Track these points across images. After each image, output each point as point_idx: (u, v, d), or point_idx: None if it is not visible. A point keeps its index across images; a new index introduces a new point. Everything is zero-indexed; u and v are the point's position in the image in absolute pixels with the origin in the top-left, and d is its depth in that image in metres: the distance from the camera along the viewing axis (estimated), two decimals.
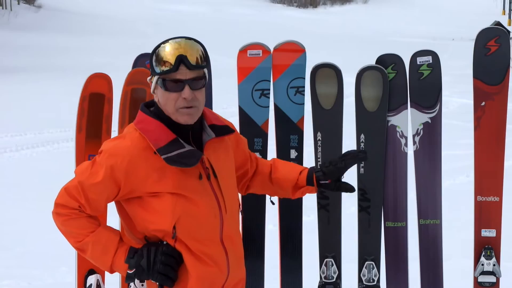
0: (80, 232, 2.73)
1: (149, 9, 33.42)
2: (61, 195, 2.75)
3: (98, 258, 2.75)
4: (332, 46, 22.49)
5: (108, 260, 2.73)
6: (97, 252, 2.74)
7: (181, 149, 2.68)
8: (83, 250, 2.76)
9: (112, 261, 2.73)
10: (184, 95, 2.67)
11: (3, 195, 7.86)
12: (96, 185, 2.69)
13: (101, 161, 2.70)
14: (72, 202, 2.72)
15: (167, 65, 2.66)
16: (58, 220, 2.76)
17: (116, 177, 2.68)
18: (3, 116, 12.06)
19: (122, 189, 2.70)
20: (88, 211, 2.73)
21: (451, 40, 26.41)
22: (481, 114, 3.52)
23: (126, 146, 2.70)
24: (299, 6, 39.43)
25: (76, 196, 2.72)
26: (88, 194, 2.71)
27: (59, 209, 2.74)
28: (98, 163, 2.71)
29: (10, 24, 25.55)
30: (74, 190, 2.72)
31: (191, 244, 2.71)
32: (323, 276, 3.58)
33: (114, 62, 16.25)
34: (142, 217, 2.72)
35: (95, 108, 3.53)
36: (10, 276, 5.54)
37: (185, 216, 2.70)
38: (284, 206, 3.60)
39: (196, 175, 2.72)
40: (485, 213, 3.55)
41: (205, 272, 2.73)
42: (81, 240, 2.73)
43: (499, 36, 3.48)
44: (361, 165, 3.53)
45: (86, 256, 2.78)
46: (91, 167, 2.71)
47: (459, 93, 13.82)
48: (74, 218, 2.73)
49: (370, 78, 3.49)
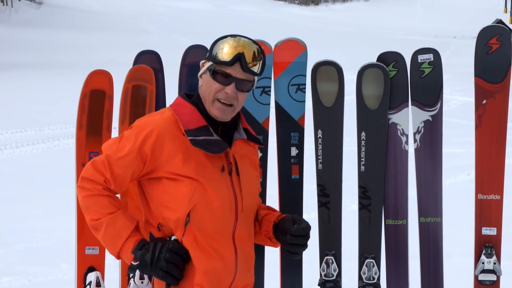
0: (99, 210, 2.70)
1: (151, 6, 33.44)
2: (87, 169, 2.73)
3: (108, 241, 2.73)
4: (333, 44, 22.49)
5: (117, 246, 2.71)
6: (109, 235, 2.71)
7: (208, 136, 2.74)
8: (96, 229, 2.73)
9: (121, 248, 2.71)
10: (227, 90, 2.74)
11: (4, 192, 7.86)
12: (122, 158, 2.70)
13: (130, 135, 2.73)
14: (98, 176, 2.71)
15: (225, 56, 2.73)
16: (81, 194, 2.73)
17: (143, 151, 2.69)
18: (4, 112, 12.07)
19: (147, 165, 2.71)
20: (113, 186, 2.72)
21: (453, 38, 26.41)
22: (482, 112, 3.51)
23: (156, 122, 2.74)
24: (300, 3, 39.43)
25: (102, 170, 2.71)
26: (114, 168, 2.70)
27: (84, 183, 2.72)
28: (126, 137, 2.73)
29: (11, 20, 25.56)
30: (100, 164, 2.71)
31: (201, 235, 2.71)
32: (323, 274, 3.58)
33: (115, 59, 16.26)
34: (159, 201, 2.73)
35: (96, 105, 3.53)
36: (10, 273, 5.55)
37: (201, 204, 2.71)
38: (285, 204, 3.60)
39: (219, 167, 2.75)
40: (486, 211, 3.54)
41: (212, 268, 2.73)
42: (98, 218, 2.70)
43: (500, 34, 3.47)
44: (362, 163, 3.52)
45: (98, 236, 2.75)
46: (119, 141, 2.73)
47: (460, 91, 13.82)
48: (97, 194, 2.71)
49: (371, 76, 3.49)
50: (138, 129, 2.74)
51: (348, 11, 37.06)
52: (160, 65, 3.60)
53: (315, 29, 28.16)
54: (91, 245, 3.54)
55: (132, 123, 2.80)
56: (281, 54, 3.52)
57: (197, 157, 2.72)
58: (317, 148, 3.54)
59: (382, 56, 3.53)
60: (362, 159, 3.52)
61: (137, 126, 2.75)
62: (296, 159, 3.58)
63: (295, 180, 3.59)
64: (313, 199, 3.61)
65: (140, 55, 3.61)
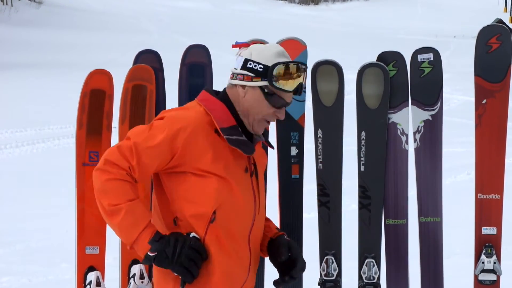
0: (119, 195, 2.62)
1: (151, 5, 33.43)
2: (112, 152, 2.65)
3: (125, 229, 2.65)
4: (333, 43, 22.49)
5: (133, 235, 2.64)
6: (127, 222, 2.63)
7: (239, 136, 2.73)
8: (113, 215, 2.63)
9: (137, 237, 2.63)
10: (278, 114, 2.76)
11: (4, 192, 7.86)
12: (152, 148, 2.64)
13: (162, 125, 2.66)
14: (123, 162, 2.63)
15: (288, 86, 2.72)
16: (102, 176, 2.63)
17: (174, 144, 2.65)
18: (3, 112, 12.07)
19: (174, 158, 2.66)
20: (136, 175, 2.65)
21: (453, 37, 26.41)
22: (482, 112, 3.51)
23: (191, 116, 2.70)
24: (300, 3, 39.43)
25: (128, 157, 2.63)
26: (142, 157, 2.64)
27: (107, 166, 2.63)
28: (157, 127, 2.66)
29: (10, 20, 25.55)
30: (127, 150, 2.63)
31: (224, 235, 2.70)
32: (323, 274, 3.58)
33: (115, 58, 16.25)
34: (182, 196, 2.69)
35: (96, 105, 3.53)
36: (10, 273, 5.55)
37: (228, 203, 2.70)
38: (285, 203, 3.60)
39: (243, 167, 2.76)
40: (486, 211, 3.54)
41: (231, 268, 2.72)
42: (117, 204, 2.62)
43: (500, 33, 3.47)
44: (362, 162, 3.52)
45: (112, 223, 2.65)
46: (149, 130, 2.66)
47: (460, 91, 13.82)
48: (119, 179, 2.63)
49: (371, 75, 3.48)
50: (171, 121, 2.67)
51: (348, 11, 37.05)
52: (160, 65, 3.60)
53: (315, 28, 28.16)
54: (91, 245, 3.54)
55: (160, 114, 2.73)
56: None
57: (225, 156, 2.71)
58: (317, 148, 3.54)
59: (382, 55, 3.53)
60: (362, 159, 3.52)
61: (170, 118, 2.69)
62: (296, 159, 3.58)
63: (295, 180, 3.59)
64: (313, 199, 3.61)
65: (140, 55, 3.61)
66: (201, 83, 3.57)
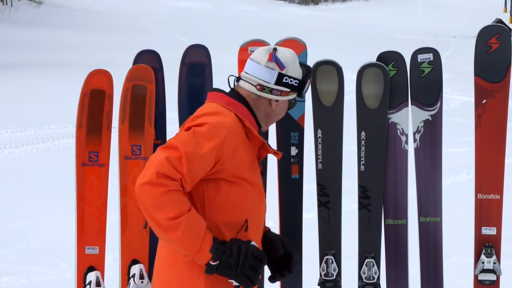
0: (177, 208, 2.53)
1: (151, 5, 33.43)
2: (163, 164, 2.54)
3: (187, 241, 2.55)
4: (333, 43, 22.49)
5: (195, 246, 2.55)
6: (188, 235, 2.54)
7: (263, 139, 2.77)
8: (171, 229, 2.53)
9: (200, 247, 2.56)
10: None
11: (3, 191, 7.86)
12: (201, 157, 2.58)
13: (207, 133, 2.60)
14: (175, 173, 2.54)
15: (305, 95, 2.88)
16: (155, 190, 2.52)
17: (220, 152, 2.60)
18: (3, 112, 12.06)
19: (216, 166, 2.62)
20: (187, 184, 2.58)
21: (453, 37, 26.40)
22: (482, 112, 3.51)
23: (231, 122, 2.67)
24: (300, 3, 39.43)
25: (179, 167, 2.55)
26: (192, 167, 2.57)
27: (160, 178, 2.52)
28: (202, 135, 2.59)
29: (10, 20, 25.55)
30: (177, 160, 2.55)
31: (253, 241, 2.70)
32: (323, 274, 3.58)
33: (115, 58, 16.25)
34: (215, 203, 2.65)
35: (96, 105, 3.53)
36: (10, 272, 5.54)
37: (256, 210, 2.72)
38: (284, 203, 3.60)
39: (260, 171, 2.79)
40: (486, 211, 3.54)
41: None
42: (176, 217, 2.52)
43: (500, 33, 3.47)
44: (362, 162, 3.52)
45: (171, 237, 2.55)
46: (194, 137, 2.59)
47: (460, 91, 13.82)
48: (175, 190, 2.54)
49: (371, 75, 3.49)
50: (215, 128, 2.62)
51: (348, 11, 37.05)
52: (160, 65, 3.61)
53: (315, 28, 28.16)
54: (91, 245, 3.54)
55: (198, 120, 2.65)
56: None
57: (255, 162, 2.73)
58: (317, 148, 3.54)
59: (382, 55, 3.53)
60: (362, 159, 3.52)
61: (214, 126, 2.62)
62: (296, 159, 3.58)
63: (295, 180, 3.59)
64: (313, 199, 3.61)
65: (140, 55, 3.61)
66: (201, 83, 3.58)
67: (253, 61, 2.79)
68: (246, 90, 2.77)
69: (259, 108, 2.77)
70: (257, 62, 2.77)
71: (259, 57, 2.78)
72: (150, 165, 2.56)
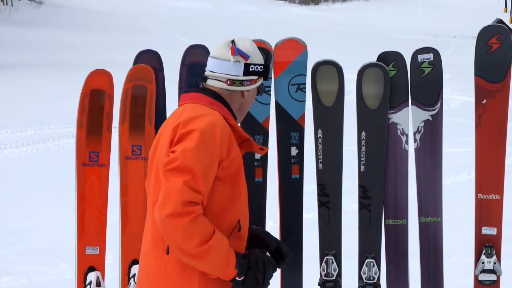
0: (206, 232, 2.50)
1: (151, 5, 33.44)
2: (184, 191, 2.48)
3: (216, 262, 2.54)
4: (333, 43, 22.49)
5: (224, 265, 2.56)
6: (218, 256, 2.53)
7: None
8: (203, 255, 2.51)
9: (226, 265, 2.56)
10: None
11: (3, 191, 7.86)
12: (211, 166, 2.57)
13: (207, 138, 2.58)
14: (197, 196, 2.50)
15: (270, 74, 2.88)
16: (184, 220, 2.47)
17: (221, 152, 2.60)
18: (3, 112, 12.06)
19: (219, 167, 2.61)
20: (205, 200, 2.55)
21: (453, 37, 26.41)
22: (483, 112, 3.51)
23: (222, 122, 2.66)
24: (300, 3, 39.43)
25: (198, 188, 2.51)
26: (207, 181, 2.55)
27: (185, 207, 2.47)
28: (201, 144, 2.56)
29: (11, 20, 25.56)
30: (194, 182, 2.50)
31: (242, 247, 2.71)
32: (323, 274, 3.58)
33: (115, 58, 16.25)
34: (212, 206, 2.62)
35: (96, 105, 3.53)
36: (10, 273, 5.54)
37: (245, 208, 2.72)
38: (285, 203, 3.60)
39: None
40: (486, 211, 3.54)
41: None
42: (206, 242, 2.50)
43: (500, 33, 3.47)
44: (362, 163, 3.52)
45: (201, 263, 2.53)
46: (197, 150, 2.54)
47: (460, 91, 13.82)
48: (199, 214, 2.49)
49: (371, 75, 3.48)
50: (211, 131, 2.60)
51: (348, 11, 37.05)
52: (160, 65, 3.60)
53: (315, 28, 28.16)
54: (91, 245, 3.54)
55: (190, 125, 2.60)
56: (281, 54, 3.52)
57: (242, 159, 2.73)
58: (317, 148, 3.54)
59: (382, 55, 3.53)
60: (362, 159, 3.52)
61: (208, 129, 2.60)
62: (296, 159, 3.58)
63: (295, 180, 3.59)
64: (313, 199, 3.61)
65: (140, 55, 3.61)
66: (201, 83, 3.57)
67: (216, 58, 2.80)
68: (217, 88, 2.78)
69: (233, 102, 2.79)
70: (220, 58, 2.79)
71: (221, 53, 2.79)
72: (169, 194, 2.49)
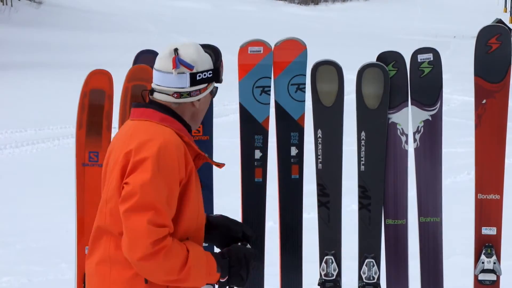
0: (181, 256, 2.51)
1: (151, 6, 33.45)
2: (150, 232, 2.45)
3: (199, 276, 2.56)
4: (333, 43, 22.49)
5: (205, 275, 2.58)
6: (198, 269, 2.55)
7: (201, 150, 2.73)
8: (185, 278, 2.53)
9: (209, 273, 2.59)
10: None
11: (3, 192, 7.86)
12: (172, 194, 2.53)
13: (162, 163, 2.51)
14: (163, 231, 2.48)
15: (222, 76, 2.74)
16: (159, 258, 2.47)
17: (180, 172, 2.55)
18: (3, 112, 12.06)
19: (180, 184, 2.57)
20: (173, 229, 2.53)
21: (453, 37, 26.42)
22: (482, 112, 3.51)
23: (175, 140, 2.57)
24: (300, 3, 39.45)
25: (162, 223, 2.48)
26: (171, 210, 2.52)
27: (157, 246, 2.45)
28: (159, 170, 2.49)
29: (10, 20, 25.56)
30: (158, 218, 2.47)
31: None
32: (323, 274, 3.58)
33: (115, 59, 16.25)
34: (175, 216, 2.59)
35: (96, 105, 3.53)
36: (10, 273, 5.54)
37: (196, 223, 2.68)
38: (285, 203, 3.60)
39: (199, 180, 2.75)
40: (486, 211, 3.54)
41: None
42: (184, 265, 2.52)
43: (500, 33, 3.47)
44: (362, 163, 3.52)
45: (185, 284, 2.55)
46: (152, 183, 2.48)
47: (460, 91, 13.81)
48: (171, 245, 2.49)
49: (371, 75, 3.49)
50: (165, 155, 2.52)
51: (348, 11, 37.07)
52: None
53: (315, 28, 28.17)
54: None
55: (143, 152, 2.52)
56: (281, 54, 3.52)
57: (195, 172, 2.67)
58: (317, 148, 3.54)
59: (382, 55, 3.53)
60: (362, 159, 3.52)
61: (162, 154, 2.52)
62: (296, 159, 3.58)
63: (295, 180, 3.59)
64: (313, 199, 3.61)
65: (140, 55, 3.61)
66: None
67: (160, 71, 2.64)
68: (165, 101, 2.65)
69: (184, 113, 2.66)
70: (164, 72, 2.63)
71: (164, 65, 2.63)
72: (136, 237, 2.46)
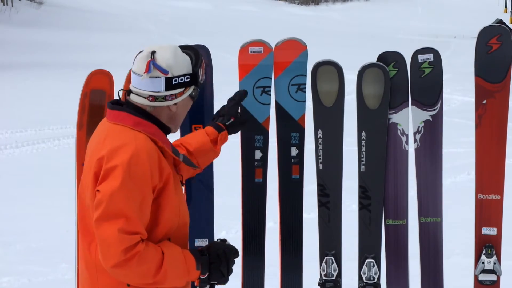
0: (155, 259, 2.51)
1: (151, 5, 33.44)
2: (121, 240, 2.45)
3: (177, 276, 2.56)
4: (333, 43, 22.49)
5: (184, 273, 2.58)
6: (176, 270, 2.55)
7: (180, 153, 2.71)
8: (162, 280, 2.53)
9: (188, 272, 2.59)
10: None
11: (4, 192, 7.86)
12: (145, 201, 2.51)
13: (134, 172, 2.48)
14: (135, 238, 2.47)
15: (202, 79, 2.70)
16: (132, 264, 2.46)
17: (153, 180, 2.53)
18: (4, 112, 12.06)
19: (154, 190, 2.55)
20: (146, 235, 2.52)
21: (453, 37, 26.40)
22: (483, 112, 3.51)
23: (147, 146, 2.53)
24: (300, 3, 39.43)
25: (134, 230, 2.48)
26: (143, 217, 2.50)
27: (129, 253, 2.45)
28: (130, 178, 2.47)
29: (11, 20, 25.56)
30: (128, 226, 2.46)
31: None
32: (323, 274, 3.58)
33: (115, 59, 16.25)
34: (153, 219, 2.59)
35: (96, 105, 3.53)
36: (10, 273, 5.54)
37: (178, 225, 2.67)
38: (285, 203, 3.60)
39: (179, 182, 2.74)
40: (486, 211, 3.54)
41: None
42: (159, 267, 2.51)
43: (501, 34, 3.47)
44: (362, 163, 3.52)
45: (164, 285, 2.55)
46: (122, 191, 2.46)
47: (460, 91, 13.81)
48: (143, 251, 2.48)
49: (371, 76, 3.48)
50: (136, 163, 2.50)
51: (348, 11, 37.05)
52: None
53: (315, 28, 28.16)
54: None
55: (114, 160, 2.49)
56: (281, 54, 3.52)
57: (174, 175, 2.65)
58: (317, 148, 3.54)
59: (382, 56, 3.53)
60: (362, 159, 3.52)
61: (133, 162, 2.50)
62: (296, 159, 3.58)
63: (295, 180, 3.59)
64: (313, 199, 3.61)
65: None
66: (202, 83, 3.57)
67: (136, 74, 2.62)
68: (140, 104, 2.61)
69: (160, 116, 2.63)
70: (139, 74, 2.60)
71: (140, 68, 2.60)
72: (107, 245, 2.46)
